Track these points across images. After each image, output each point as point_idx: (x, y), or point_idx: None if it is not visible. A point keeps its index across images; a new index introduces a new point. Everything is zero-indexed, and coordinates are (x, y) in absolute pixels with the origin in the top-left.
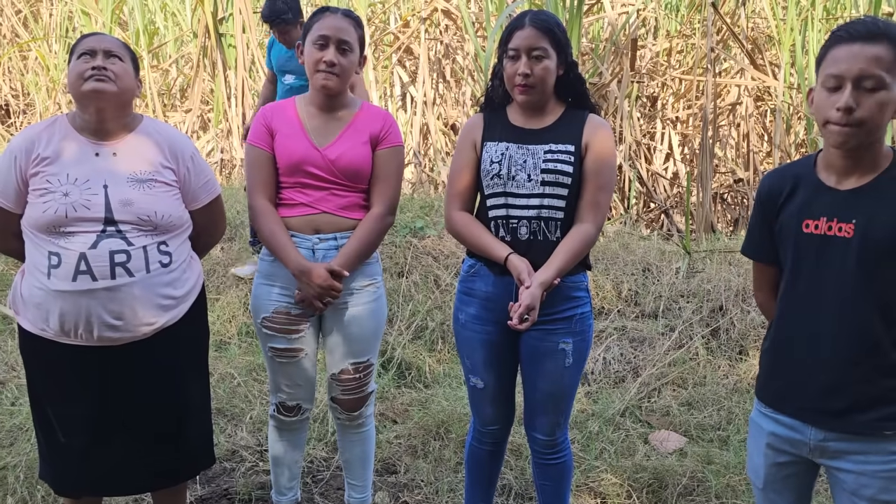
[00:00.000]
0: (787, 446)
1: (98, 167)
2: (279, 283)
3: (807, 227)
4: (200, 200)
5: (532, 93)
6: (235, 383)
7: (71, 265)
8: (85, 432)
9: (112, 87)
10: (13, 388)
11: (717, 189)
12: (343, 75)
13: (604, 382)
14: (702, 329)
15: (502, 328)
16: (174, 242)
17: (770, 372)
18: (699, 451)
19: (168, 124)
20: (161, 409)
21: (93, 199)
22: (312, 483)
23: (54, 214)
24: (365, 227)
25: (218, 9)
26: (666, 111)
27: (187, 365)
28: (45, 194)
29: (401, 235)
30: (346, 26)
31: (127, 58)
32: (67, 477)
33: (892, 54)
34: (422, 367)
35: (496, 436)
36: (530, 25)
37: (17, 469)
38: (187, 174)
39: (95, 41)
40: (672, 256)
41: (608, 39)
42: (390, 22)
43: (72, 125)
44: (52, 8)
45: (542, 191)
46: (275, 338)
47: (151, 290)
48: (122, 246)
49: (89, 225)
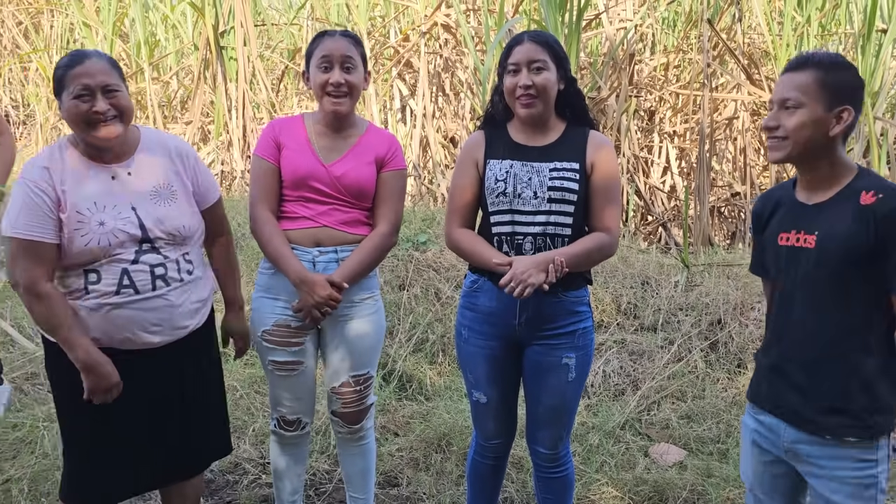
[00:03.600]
0: (769, 445)
1: (120, 190)
2: (279, 296)
3: (781, 239)
4: (209, 200)
5: (536, 104)
6: (238, 396)
7: (113, 280)
8: (118, 436)
9: (119, 129)
10: (15, 401)
11: (715, 203)
12: (352, 93)
13: (604, 395)
14: (700, 342)
15: (505, 343)
16: (194, 251)
17: (756, 373)
18: (699, 464)
19: (162, 130)
20: (193, 403)
21: (125, 223)
22: (315, 496)
23: (98, 246)
24: (370, 243)
25: (219, 22)
26: (663, 125)
27: (211, 360)
28: (81, 227)
29: (402, 248)
30: (346, 45)
31: (120, 82)
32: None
33: (814, 79)
34: (423, 380)
35: (498, 450)
36: (529, 41)
37: (21, 482)
38: (195, 176)
39: (89, 76)
40: (670, 270)
41: (606, 54)
42: (390, 36)
43: (77, 149)
44: (53, 20)
45: (548, 207)
46: (275, 350)
47: (185, 297)
48: (160, 260)
49: (126, 249)
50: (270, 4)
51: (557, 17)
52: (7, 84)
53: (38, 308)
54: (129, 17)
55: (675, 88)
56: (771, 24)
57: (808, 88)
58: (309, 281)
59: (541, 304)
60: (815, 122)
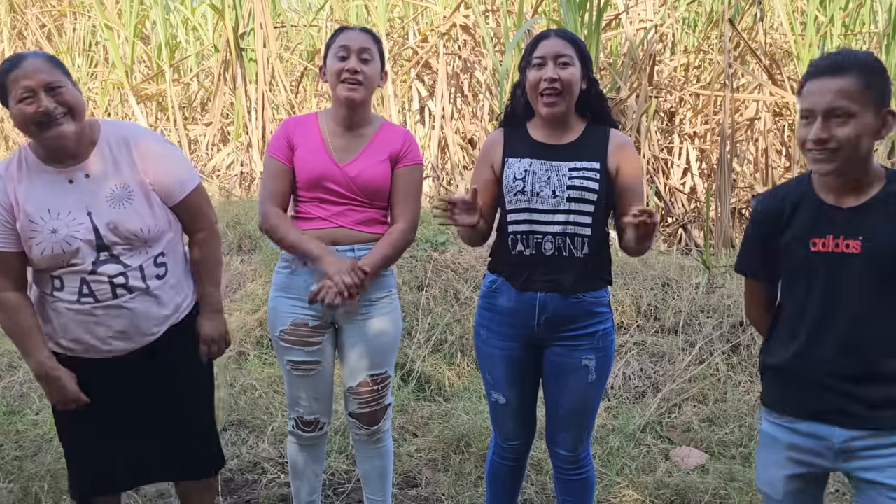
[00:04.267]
0: (810, 456)
1: (76, 195)
2: (295, 295)
3: (814, 245)
4: (175, 194)
5: (559, 102)
6: (257, 395)
7: (74, 288)
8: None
9: (71, 127)
10: (35, 398)
11: (736, 204)
12: (366, 83)
13: (624, 398)
14: (722, 345)
15: (524, 344)
16: (169, 250)
17: (784, 382)
18: (721, 468)
19: (125, 121)
20: (162, 414)
21: (80, 229)
22: (334, 496)
23: (52, 253)
24: (390, 238)
25: (239, 24)
26: (684, 126)
27: (196, 365)
28: (35, 235)
29: (421, 249)
30: (364, 37)
31: (64, 77)
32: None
33: (858, 84)
34: (441, 381)
35: (517, 451)
36: (556, 36)
37: (42, 479)
38: (157, 171)
39: (28, 77)
40: (691, 272)
41: (626, 55)
42: (409, 37)
43: (37, 156)
44: (76, 22)
45: (567, 207)
46: (292, 350)
47: (152, 302)
48: (119, 269)
49: (83, 256)
50: (290, 6)
51: (577, 17)
52: None
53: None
54: (151, 20)
55: (695, 89)
56: (793, 23)
57: (855, 95)
58: (336, 258)
59: (560, 304)
60: (868, 130)
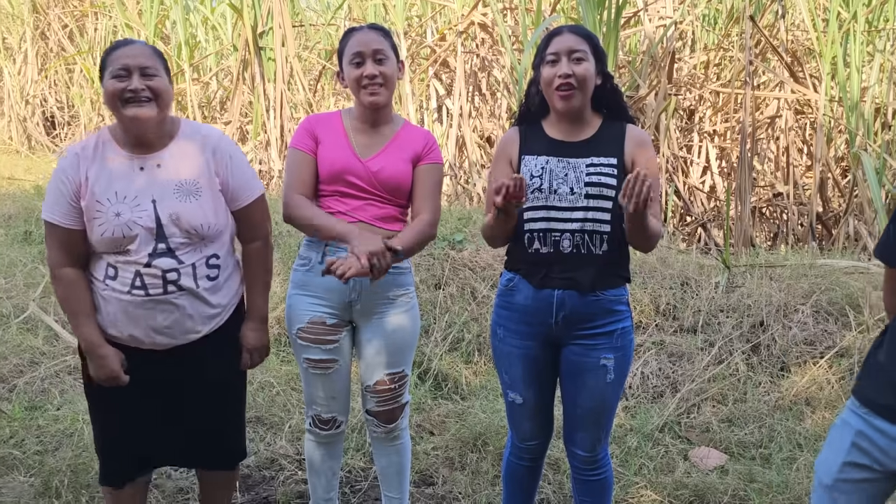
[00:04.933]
0: (876, 452)
1: (144, 182)
2: (313, 293)
3: None
4: (240, 200)
5: (574, 96)
6: (274, 392)
7: (127, 279)
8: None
9: (152, 112)
10: (56, 394)
11: (756, 203)
12: (387, 84)
13: (642, 397)
14: (742, 345)
15: (542, 342)
16: (222, 252)
17: (872, 373)
18: (741, 469)
19: (206, 124)
20: (205, 408)
21: (143, 215)
22: (350, 493)
23: (112, 237)
24: (417, 227)
25: (258, 23)
26: (703, 124)
27: (230, 367)
28: (99, 216)
29: (438, 247)
30: (375, 37)
31: (161, 68)
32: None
33: None
34: (458, 379)
35: (534, 451)
36: (569, 32)
37: (63, 474)
38: (228, 174)
39: (128, 57)
40: (711, 271)
41: (645, 52)
42: (427, 35)
43: (114, 139)
44: (98, 22)
45: (585, 204)
46: (309, 348)
47: (199, 302)
48: (174, 265)
49: (143, 242)
50: (308, 5)
51: (596, 14)
52: (53, 86)
53: (56, 289)
54: (171, 19)
55: (715, 87)
56: (815, 20)
57: None
58: (362, 231)
59: (578, 302)
60: None
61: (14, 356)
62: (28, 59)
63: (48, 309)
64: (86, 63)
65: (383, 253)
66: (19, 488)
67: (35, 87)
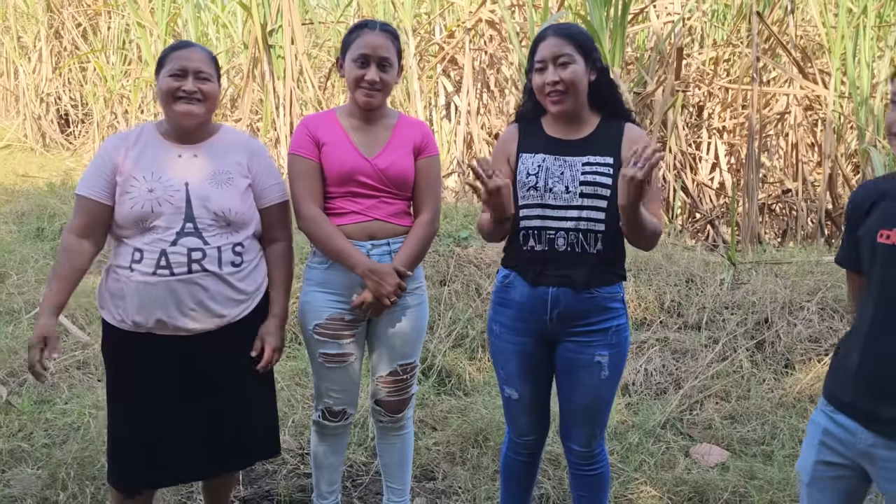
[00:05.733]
0: (840, 447)
1: (181, 167)
2: (333, 290)
3: (881, 236)
4: (265, 199)
5: (566, 100)
6: (279, 388)
7: (153, 260)
8: (154, 421)
9: (201, 110)
10: (64, 388)
11: (765, 200)
12: (385, 90)
13: (645, 394)
14: (746, 341)
15: (537, 339)
16: (247, 243)
17: (834, 371)
18: (742, 466)
19: (242, 131)
20: (226, 399)
21: (175, 195)
22: (352, 487)
23: (140, 210)
24: (417, 232)
25: (268, 21)
26: (712, 120)
27: (252, 359)
28: (132, 191)
29: (444, 244)
30: (385, 43)
31: (215, 75)
32: (133, 471)
33: None
34: (462, 375)
35: (531, 446)
36: (552, 35)
37: (69, 466)
38: (259, 172)
39: (186, 60)
40: (716, 268)
41: (653, 49)
42: (435, 32)
43: (157, 131)
44: (111, 21)
45: (580, 203)
46: (326, 343)
47: (223, 285)
48: (199, 244)
49: (171, 220)
50: (318, 3)
51: (602, 11)
52: (67, 84)
53: (57, 252)
54: (182, 18)
55: (724, 83)
56: (825, 15)
57: None
58: (378, 270)
59: (572, 299)
60: None
61: (24, 351)
62: (42, 57)
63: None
64: (98, 61)
65: (399, 286)
66: (27, 480)
67: (49, 86)
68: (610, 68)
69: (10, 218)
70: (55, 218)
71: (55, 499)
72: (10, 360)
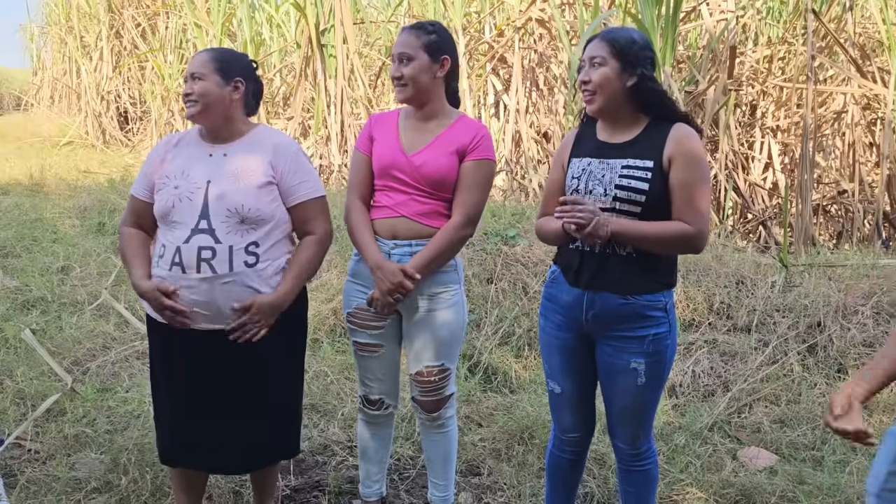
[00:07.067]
0: None
1: (208, 166)
2: (362, 282)
3: None
4: (295, 196)
5: (595, 100)
6: (328, 381)
7: (169, 257)
8: (180, 408)
9: (195, 110)
10: (125, 377)
11: (820, 201)
12: (410, 83)
13: (692, 395)
14: (798, 345)
15: (578, 336)
16: (266, 242)
17: None
18: (791, 471)
19: (280, 131)
20: (241, 397)
21: (196, 192)
22: (399, 479)
23: (164, 205)
24: (440, 236)
25: (320, 20)
26: (766, 120)
27: (272, 359)
28: (163, 188)
29: (491, 242)
30: (406, 39)
31: (210, 73)
32: (167, 448)
33: None
34: (508, 373)
35: (576, 444)
36: (596, 39)
37: (130, 452)
38: (285, 170)
39: (190, 65)
40: (768, 269)
41: (705, 47)
42: (485, 31)
43: (199, 133)
44: (169, 21)
45: (613, 206)
46: (357, 332)
47: (234, 286)
48: (210, 243)
49: (188, 217)
50: (370, 3)
51: (653, 10)
52: (126, 82)
53: (119, 243)
54: (237, 18)
55: (778, 81)
56: (886, 12)
57: None
58: (383, 267)
59: (607, 303)
60: None
61: (87, 341)
62: (104, 56)
63: (119, 297)
64: (157, 60)
65: (399, 286)
66: (91, 464)
67: (109, 84)
68: (660, 68)
69: (73, 213)
70: (115, 213)
71: (117, 482)
72: (74, 349)
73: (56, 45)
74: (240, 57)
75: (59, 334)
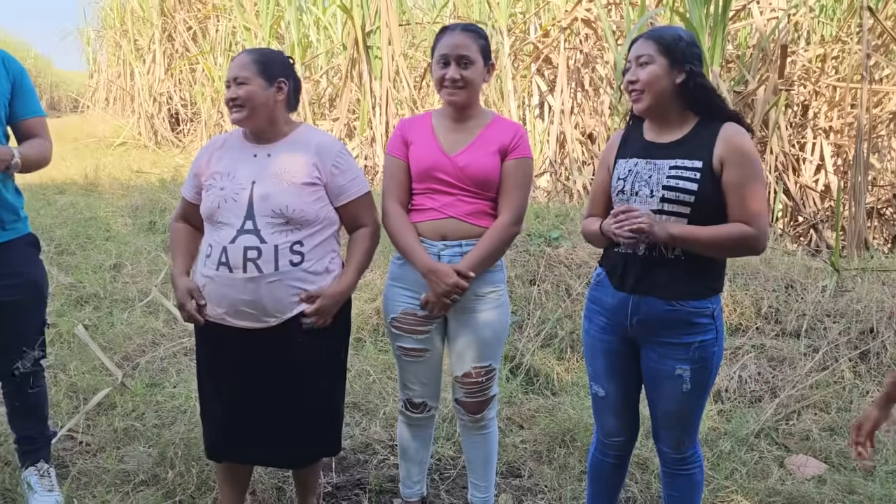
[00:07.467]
0: None
1: (253, 166)
2: (407, 286)
3: None
4: (343, 195)
5: (642, 99)
6: (371, 380)
7: (216, 256)
8: (226, 405)
9: (242, 115)
10: (173, 373)
11: (874, 204)
12: (468, 87)
13: (738, 401)
14: (849, 351)
15: (623, 339)
16: (310, 242)
17: None
18: (840, 480)
19: (322, 130)
20: (285, 396)
21: (241, 193)
22: (440, 480)
23: (210, 205)
24: (491, 234)
25: (366, 22)
26: (818, 120)
27: (316, 358)
28: (209, 189)
29: (534, 243)
30: (464, 41)
31: (254, 77)
32: (213, 443)
33: None
34: (550, 375)
35: (619, 448)
36: (641, 38)
37: (177, 446)
38: (332, 171)
39: (230, 70)
40: (818, 274)
41: (756, 46)
42: (530, 32)
43: (243, 135)
44: (219, 24)
45: (660, 207)
46: (402, 337)
47: (279, 285)
48: (255, 243)
49: (234, 217)
50: (415, 4)
51: (702, 9)
52: (178, 84)
53: (170, 236)
54: (285, 20)
55: (831, 81)
56: None
57: None
58: (436, 270)
59: (653, 309)
60: None
61: (137, 337)
62: (156, 59)
63: (168, 294)
64: (207, 63)
65: (455, 287)
66: (140, 457)
67: (161, 86)
68: (709, 67)
69: (125, 211)
70: (165, 212)
71: (164, 476)
72: (124, 345)
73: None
74: (278, 55)
75: (111, 330)
